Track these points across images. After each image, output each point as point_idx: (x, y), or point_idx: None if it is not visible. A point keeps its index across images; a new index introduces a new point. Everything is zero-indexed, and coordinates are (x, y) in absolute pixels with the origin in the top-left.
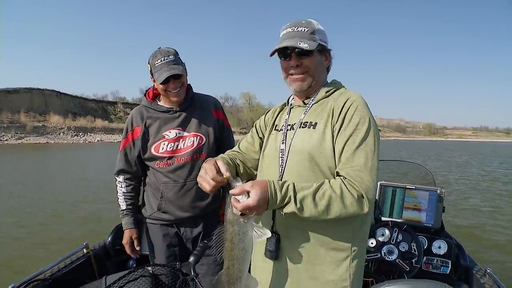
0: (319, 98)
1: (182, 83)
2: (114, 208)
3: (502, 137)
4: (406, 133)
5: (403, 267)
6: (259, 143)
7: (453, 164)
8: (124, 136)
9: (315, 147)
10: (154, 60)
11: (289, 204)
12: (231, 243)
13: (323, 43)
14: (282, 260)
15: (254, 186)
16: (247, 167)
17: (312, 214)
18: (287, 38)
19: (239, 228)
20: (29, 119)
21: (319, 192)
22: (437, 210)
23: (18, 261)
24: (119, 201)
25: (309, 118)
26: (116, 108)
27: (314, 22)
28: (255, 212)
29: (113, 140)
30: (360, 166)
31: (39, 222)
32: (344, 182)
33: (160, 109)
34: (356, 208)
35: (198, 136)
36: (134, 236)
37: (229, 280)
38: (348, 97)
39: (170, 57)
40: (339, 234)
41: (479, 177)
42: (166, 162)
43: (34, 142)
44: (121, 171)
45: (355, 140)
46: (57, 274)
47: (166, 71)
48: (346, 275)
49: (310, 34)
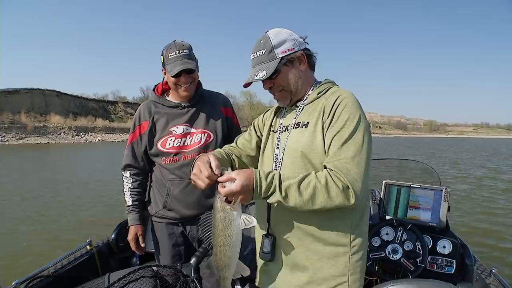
0: (311, 99)
1: (193, 78)
2: (117, 207)
3: (503, 134)
4: (407, 130)
5: (407, 267)
6: (256, 141)
7: (458, 161)
8: (132, 131)
9: (306, 145)
10: (168, 52)
11: (274, 193)
12: (217, 229)
13: (288, 52)
14: (279, 260)
15: (239, 173)
16: (242, 162)
17: (297, 204)
18: (252, 65)
19: (225, 214)
20: (30, 119)
21: (304, 182)
22: (442, 210)
23: (21, 258)
24: (125, 196)
25: (301, 118)
26: (117, 108)
27: (270, 37)
28: (239, 198)
29: (114, 139)
30: (347, 159)
31: (50, 219)
32: (330, 174)
33: (168, 104)
34: (341, 199)
35: (206, 133)
36: (140, 233)
37: (218, 266)
38: (339, 95)
39: (185, 51)
40: (336, 230)
41: (484, 174)
42: (173, 158)
43: (35, 142)
44: (128, 166)
45: (343, 135)
46: (61, 271)
47: (179, 65)
48: (345, 270)
49: (269, 53)
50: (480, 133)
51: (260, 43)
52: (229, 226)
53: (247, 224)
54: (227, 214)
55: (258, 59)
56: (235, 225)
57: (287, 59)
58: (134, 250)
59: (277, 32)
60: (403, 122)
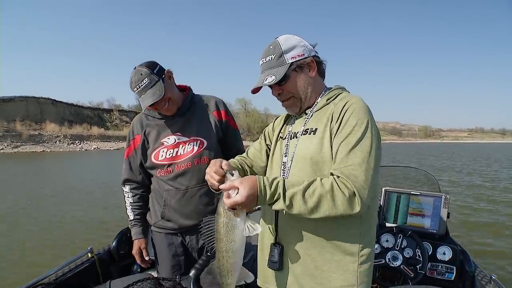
0: (320, 106)
1: (166, 99)
2: (117, 214)
3: (498, 138)
4: (402, 136)
5: (407, 273)
6: (265, 150)
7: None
8: (127, 145)
9: (315, 152)
10: (131, 87)
11: (279, 201)
12: (220, 234)
13: (298, 58)
14: (287, 269)
15: (243, 182)
16: (254, 172)
17: (301, 211)
18: (261, 71)
19: (228, 220)
20: (25, 127)
21: (309, 190)
22: (442, 216)
23: (22, 265)
24: (127, 211)
25: (310, 125)
26: (112, 116)
27: (280, 42)
28: (245, 207)
29: (109, 147)
30: (354, 166)
31: (44, 227)
32: (336, 181)
33: (158, 116)
34: (346, 207)
35: (198, 140)
36: (143, 246)
37: (221, 272)
38: (347, 101)
39: (144, 82)
40: (346, 239)
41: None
42: (166, 170)
43: (30, 150)
44: (126, 180)
45: (351, 141)
46: (62, 278)
47: (144, 100)
48: (353, 280)
49: (279, 58)
50: (474, 138)
51: (270, 48)
52: (232, 231)
53: (251, 231)
54: (230, 220)
55: (267, 64)
56: (238, 230)
57: (296, 64)
58: (139, 263)
59: (287, 38)
60: (398, 128)
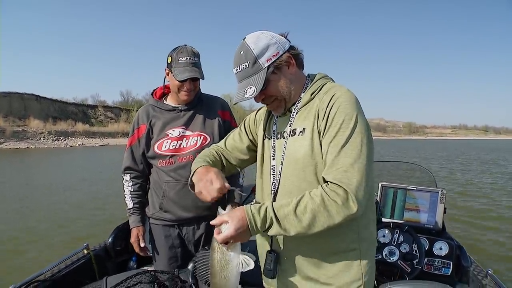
0: (305, 102)
1: (196, 86)
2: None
3: (481, 135)
4: (386, 133)
5: (404, 269)
6: (247, 145)
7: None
8: (131, 134)
9: (307, 155)
10: (179, 56)
11: (272, 226)
12: (214, 269)
13: (274, 59)
14: (285, 277)
15: (231, 215)
16: (230, 163)
17: (298, 231)
18: (238, 80)
19: (221, 255)
20: (8, 123)
21: (299, 207)
22: (438, 211)
23: (16, 262)
24: (126, 199)
25: (297, 125)
26: (97, 112)
27: (250, 46)
28: (237, 240)
29: (94, 144)
30: (346, 167)
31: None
32: (325, 190)
33: (165, 107)
34: (343, 214)
35: (202, 136)
36: (140, 234)
37: None
38: (333, 94)
39: (195, 59)
40: (344, 238)
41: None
42: (168, 161)
43: (14, 147)
44: (127, 168)
45: (340, 140)
46: (58, 275)
47: (188, 72)
48: (358, 275)
49: (254, 65)
50: (458, 135)
51: (241, 54)
52: (226, 267)
53: (244, 267)
54: (223, 255)
55: (242, 73)
56: (231, 266)
57: (274, 66)
58: (137, 252)
59: (256, 38)
60: (382, 124)
